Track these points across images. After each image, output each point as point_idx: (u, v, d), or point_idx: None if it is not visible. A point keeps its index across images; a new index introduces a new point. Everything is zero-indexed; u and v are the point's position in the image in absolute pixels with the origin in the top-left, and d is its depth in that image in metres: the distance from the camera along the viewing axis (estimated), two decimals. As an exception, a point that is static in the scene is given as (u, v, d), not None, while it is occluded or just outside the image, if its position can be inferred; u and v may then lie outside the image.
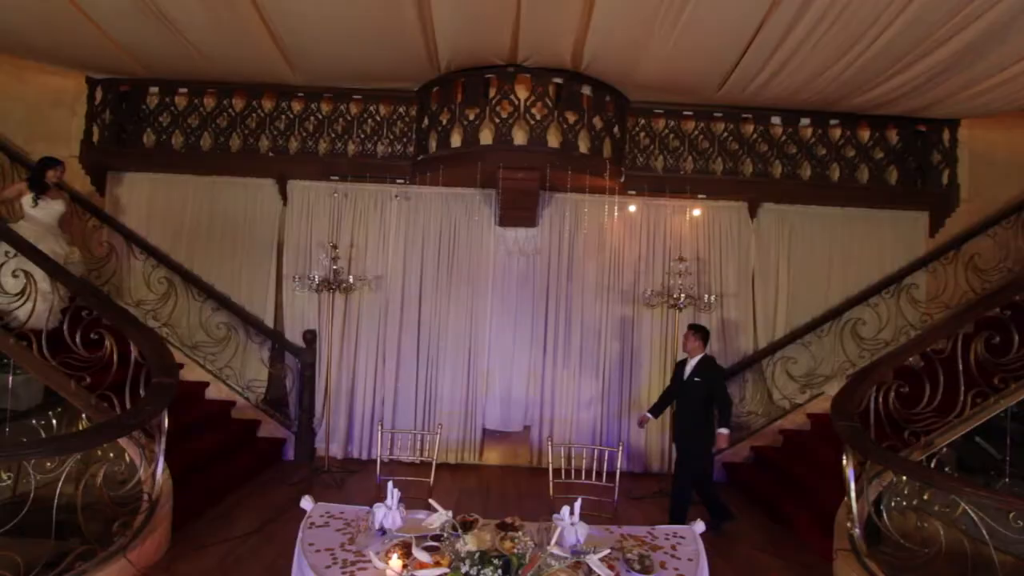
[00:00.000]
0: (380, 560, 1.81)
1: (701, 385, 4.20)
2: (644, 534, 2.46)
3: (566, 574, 1.79)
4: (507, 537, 1.93)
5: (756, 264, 5.89)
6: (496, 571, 1.60)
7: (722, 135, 5.71)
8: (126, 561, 3.21)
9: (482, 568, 1.60)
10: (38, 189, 4.58)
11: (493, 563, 1.63)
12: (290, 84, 5.61)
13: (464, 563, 1.65)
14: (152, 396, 3.50)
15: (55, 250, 4.54)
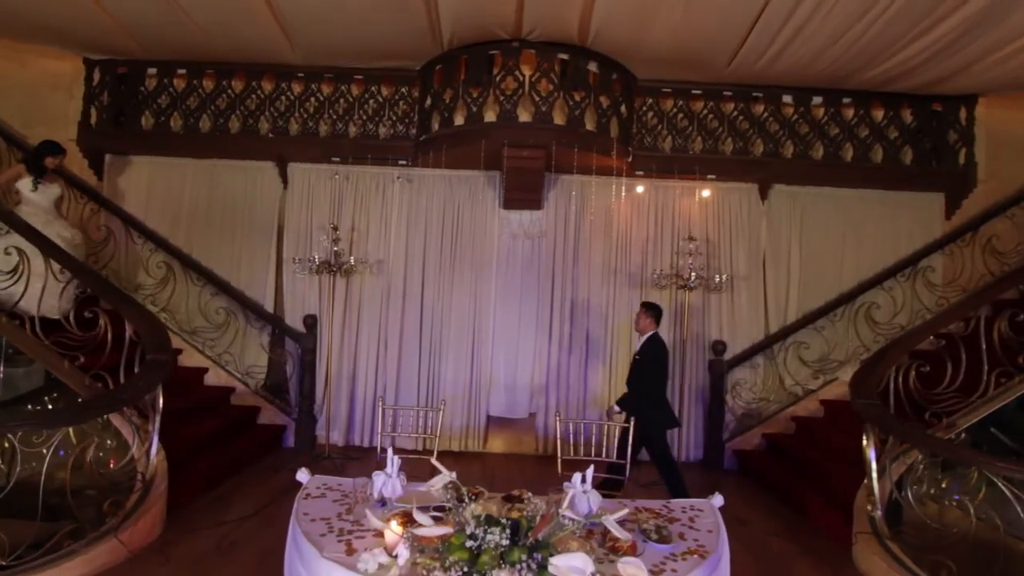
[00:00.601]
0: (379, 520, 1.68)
1: (642, 362, 4.10)
2: (659, 507, 2.32)
3: (579, 543, 1.66)
4: (514, 508, 1.81)
5: (767, 247, 5.74)
6: (504, 531, 1.47)
7: (732, 114, 5.56)
8: (117, 542, 3.09)
9: (488, 528, 1.47)
10: (36, 173, 4.47)
11: (501, 523, 1.50)
12: (290, 64, 5.50)
13: (469, 524, 1.52)
14: (146, 372, 3.40)
15: (62, 235, 4.45)
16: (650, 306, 4.23)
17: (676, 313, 5.64)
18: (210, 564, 3.20)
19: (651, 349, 4.09)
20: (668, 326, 5.66)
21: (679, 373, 5.58)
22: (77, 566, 2.91)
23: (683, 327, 5.49)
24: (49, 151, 4.56)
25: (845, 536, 3.66)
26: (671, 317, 5.66)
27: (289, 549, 2.05)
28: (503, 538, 1.46)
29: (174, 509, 3.72)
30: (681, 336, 5.57)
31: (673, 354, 5.63)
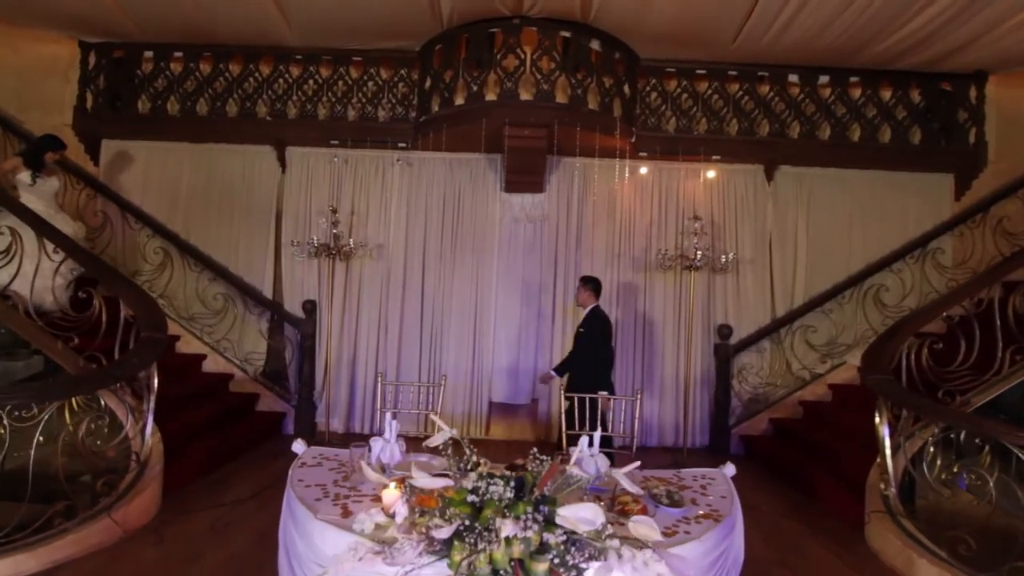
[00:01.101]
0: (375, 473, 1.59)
1: (584, 335, 4.15)
2: (670, 476, 2.24)
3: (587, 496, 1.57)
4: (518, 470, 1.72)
5: (773, 229, 5.64)
6: (508, 484, 1.38)
7: (737, 95, 5.47)
8: (111, 521, 3.02)
9: (491, 481, 1.39)
10: (35, 167, 4.37)
11: (505, 477, 1.41)
12: (288, 46, 5.43)
13: (470, 478, 1.43)
14: (140, 349, 3.32)
15: (64, 229, 4.34)
16: (588, 279, 4.30)
17: (680, 296, 5.55)
18: (205, 544, 3.12)
19: (594, 322, 4.14)
20: (673, 310, 5.59)
21: (684, 358, 5.48)
22: (68, 544, 2.83)
23: (688, 311, 5.39)
24: (49, 146, 4.47)
25: (857, 516, 3.57)
26: (676, 300, 5.58)
27: (284, 515, 1.97)
28: (507, 491, 1.37)
29: (170, 492, 3.65)
30: (686, 320, 5.47)
31: (677, 338, 5.57)
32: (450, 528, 1.29)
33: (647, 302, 5.60)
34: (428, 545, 1.34)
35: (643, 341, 5.57)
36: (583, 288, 4.26)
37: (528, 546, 1.32)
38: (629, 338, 5.58)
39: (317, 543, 1.63)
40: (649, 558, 1.27)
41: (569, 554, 1.26)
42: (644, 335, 5.57)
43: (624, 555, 1.28)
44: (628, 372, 5.56)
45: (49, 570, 2.73)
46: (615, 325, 5.54)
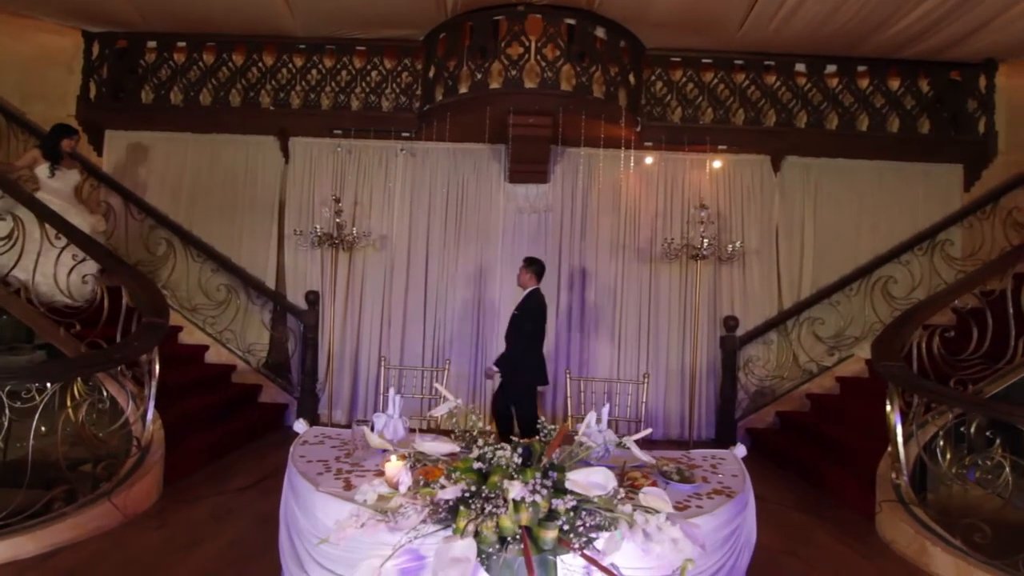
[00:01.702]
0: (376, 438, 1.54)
1: (517, 316, 4.05)
2: (679, 456, 2.19)
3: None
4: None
5: (780, 220, 5.59)
6: (516, 450, 1.34)
7: (743, 84, 5.42)
8: (111, 505, 2.98)
9: (498, 447, 1.34)
10: (53, 158, 4.34)
11: (512, 442, 1.37)
12: (291, 36, 5.40)
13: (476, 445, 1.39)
14: (141, 333, 3.29)
15: (82, 223, 4.30)
16: (531, 261, 4.21)
17: (686, 288, 5.50)
18: (206, 529, 3.08)
19: (529, 303, 4.04)
20: (678, 301, 5.54)
21: (689, 350, 5.43)
22: (68, 528, 2.80)
23: (694, 302, 5.34)
24: (64, 134, 4.44)
25: (867, 507, 3.51)
26: (681, 292, 5.52)
27: (284, 493, 1.93)
28: (515, 456, 1.32)
29: (172, 481, 3.62)
30: (692, 311, 5.42)
31: (683, 330, 5.52)
32: (456, 488, 1.25)
33: (652, 293, 5.54)
34: (433, 512, 1.30)
35: (648, 333, 5.52)
36: (525, 269, 4.18)
37: (536, 512, 1.27)
38: (634, 329, 5.52)
39: (319, 516, 1.59)
40: (663, 523, 1.23)
41: (580, 519, 1.22)
42: (649, 327, 5.52)
43: (637, 520, 1.23)
44: (632, 364, 5.50)
45: (49, 553, 2.70)
46: (622, 315, 5.52)
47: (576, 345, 5.51)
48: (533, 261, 4.19)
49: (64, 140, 4.41)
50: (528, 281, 4.14)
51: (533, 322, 3.98)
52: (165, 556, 2.77)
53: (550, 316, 5.51)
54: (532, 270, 4.15)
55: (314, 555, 1.64)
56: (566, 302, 5.55)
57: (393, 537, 1.43)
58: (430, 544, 1.38)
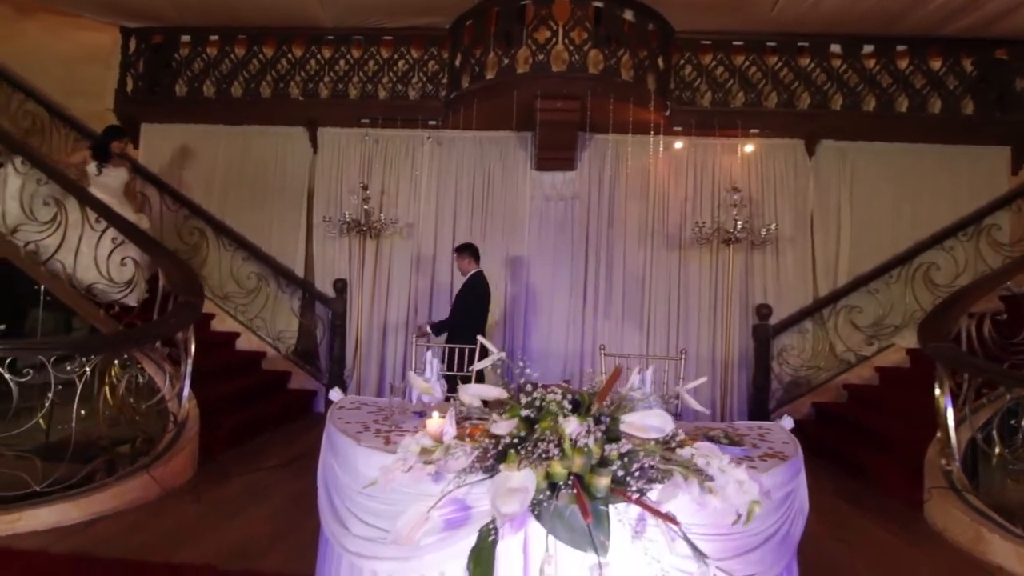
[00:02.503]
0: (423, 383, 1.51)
1: (459, 296, 4.32)
2: (724, 426, 2.12)
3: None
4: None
5: (815, 206, 5.42)
6: (565, 397, 1.29)
7: (776, 67, 5.28)
8: (149, 478, 3.03)
9: (549, 390, 1.30)
10: (101, 158, 4.47)
11: (560, 391, 1.33)
12: (320, 27, 5.47)
13: (524, 391, 1.35)
14: (177, 311, 3.34)
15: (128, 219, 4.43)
16: (464, 246, 4.41)
17: (717, 275, 5.38)
18: (240, 505, 3.11)
19: (472, 283, 4.24)
20: (708, 288, 5.42)
21: (721, 339, 5.31)
22: (109, 498, 2.86)
23: (727, 289, 5.22)
24: (115, 136, 4.57)
25: (912, 496, 3.37)
26: (712, 279, 5.41)
27: (323, 454, 1.92)
28: (565, 402, 1.28)
29: (205, 459, 3.67)
30: (723, 299, 5.30)
31: (713, 318, 5.40)
32: (509, 423, 1.21)
33: (681, 281, 5.44)
34: (481, 456, 1.26)
35: (677, 321, 5.41)
36: (460, 256, 4.37)
37: (589, 458, 1.23)
38: (663, 317, 5.42)
39: (360, 469, 1.57)
40: (726, 464, 1.17)
41: (637, 461, 1.17)
42: (679, 315, 5.41)
43: (698, 463, 1.18)
44: (662, 352, 5.38)
45: (91, 520, 2.76)
46: (651, 303, 5.44)
47: (604, 333, 5.43)
48: (466, 247, 4.40)
49: (114, 142, 4.54)
50: (467, 266, 4.35)
51: (477, 303, 4.18)
52: (202, 527, 2.81)
53: (578, 302, 5.49)
54: (467, 254, 4.35)
55: (355, 511, 1.62)
56: (593, 290, 5.48)
57: (437, 488, 1.40)
58: (476, 494, 1.35)
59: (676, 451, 1.23)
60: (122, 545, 2.56)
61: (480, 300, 4.21)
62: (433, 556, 1.42)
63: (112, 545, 2.55)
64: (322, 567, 1.88)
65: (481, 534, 1.21)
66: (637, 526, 1.33)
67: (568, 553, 1.21)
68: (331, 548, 1.80)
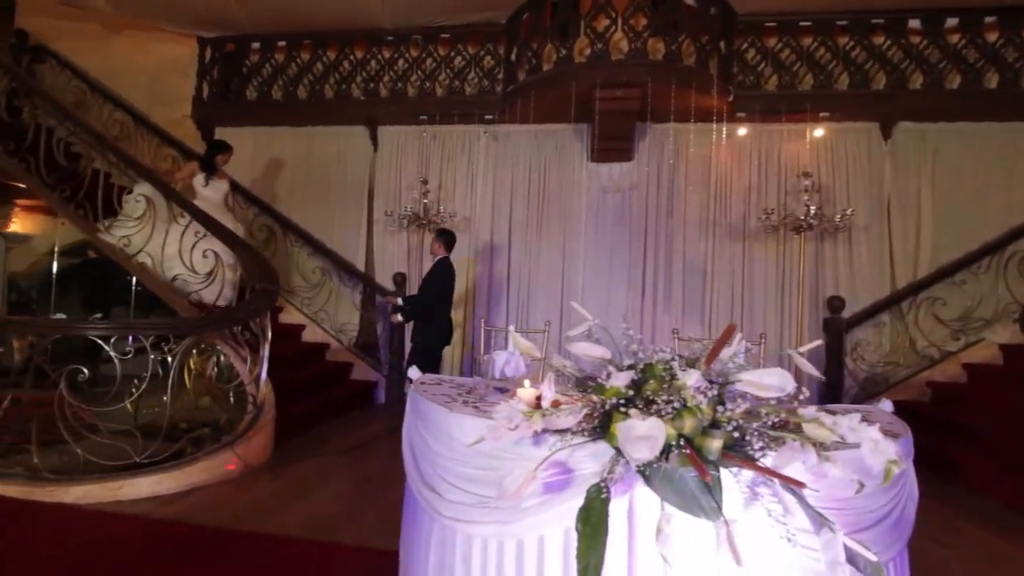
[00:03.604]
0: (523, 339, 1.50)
1: (425, 281, 4.46)
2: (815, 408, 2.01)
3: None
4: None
5: (891, 192, 5.11)
6: (674, 356, 1.26)
7: (847, 46, 5.03)
8: (233, 454, 3.19)
9: (657, 349, 1.27)
10: (208, 170, 4.74)
11: (665, 352, 1.30)
12: (380, 27, 5.65)
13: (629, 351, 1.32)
14: (257, 297, 3.51)
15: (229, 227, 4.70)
16: (441, 231, 4.61)
17: (784, 266, 5.16)
18: (312, 484, 3.22)
19: (438, 267, 4.44)
20: (775, 280, 5.20)
21: (789, 332, 5.08)
22: (198, 471, 3.03)
23: (799, 280, 4.99)
24: (220, 150, 4.84)
25: (1016, 497, 3.10)
26: (779, 270, 5.19)
27: (408, 423, 1.95)
28: (674, 359, 1.25)
29: (278, 442, 3.82)
30: (791, 290, 5.08)
31: (780, 310, 5.19)
32: (627, 375, 1.19)
33: (746, 272, 5.25)
34: (589, 417, 1.24)
35: (741, 314, 5.22)
36: (436, 240, 4.56)
37: (700, 419, 1.19)
38: (725, 310, 5.25)
39: (455, 435, 1.58)
40: (858, 423, 1.11)
41: (760, 419, 1.12)
42: (743, 307, 5.22)
43: (824, 422, 1.12)
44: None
45: (185, 491, 2.93)
46: (713, 295, 5.28)
47: (663, 327, 5.30)
48: (442, 232, 4.59)
49: (219, 155, 4.81)
50: (438, 250, 4.52)
51: (441, 285, 4.42)
52: (281, 502, 2.92)
53: (637, 295, 5.39)
54: (442, 240, 4.53)
55: (446, 477, 1.64)
56: (651, 282, 5.37)
57: (537, 451, 1.39)
58: (579, 456, 1.33)
59: (798, 411, 1.17)
60: (213, 514, 2.70)
61: (445, 283, 4.47)
62: (533, 519, 1.41)
63: (204, 514, 2.70)
64: (410, 532, 1.91)
65: (590, 493, 1.19)
66: (750, 491, 1.28)
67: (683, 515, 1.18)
68: (420, 514, 1.83)
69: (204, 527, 2.53)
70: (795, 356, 1.35)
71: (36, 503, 2.68)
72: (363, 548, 2.39)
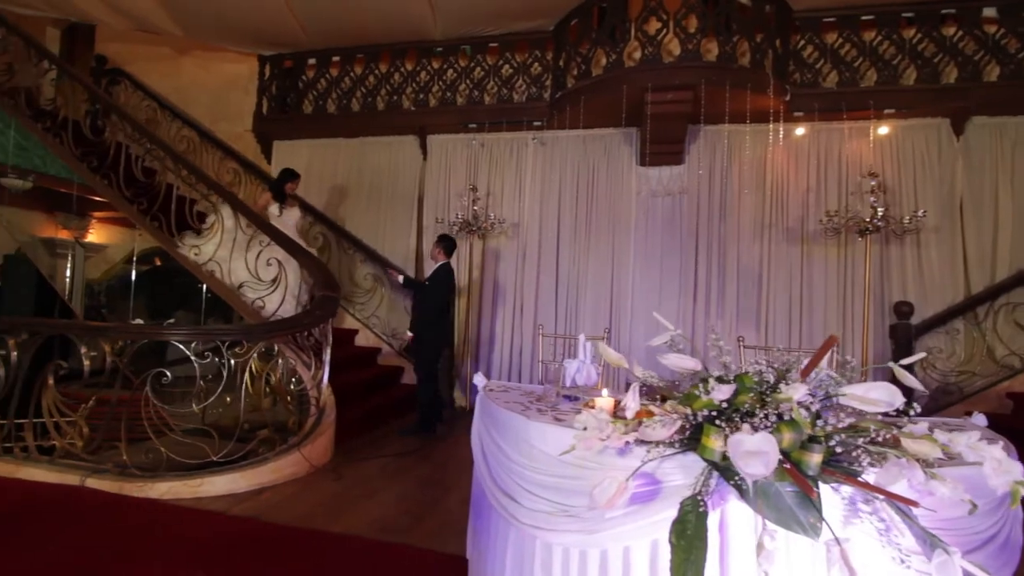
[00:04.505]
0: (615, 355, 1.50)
1: (428, 288, 4.57)
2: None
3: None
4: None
5: (964, 192, 4.83)
6: (770, 369, 1.24)
7: (914, 39, 4.79)
8: (300, 455, 3.32)
9: (755, 363, 1.26)
10: (280, 199, 4.84)
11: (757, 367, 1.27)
12: (431, 39, 5.77)
13: (721, 362, 1.31)
14: (321, 304, 3.65)
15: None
16: (442, 237, 4.74)
17: (846, 270, 4.94)
18: (377, 484, 3.31)
19: (437, 274, 4.58)
20: (836, 284, 4.99)
21: (852, 339, 4.86)
22: (268, 471, 3.16)
23: (861, 286, 4.78)
24: (288, 178, 4.92)
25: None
26: (840, 274, 4.98)
27: (479, 429, 1.99)
28: (768, 374, 1.23)
29: (339, 442, 3.95)
30: (853, 296, 4.86)
31: (841, 316, 4.97)
32: (729, 388, 1.17)
33: (804, 276, 5.06)
34: (681, 428, 1.24)
35: (800, 319, 5.03)
36: (436, 246, 4.69)
37: (800, 433, 1.16)
38: (783, 316, 5.07)
39: (535, 444, 1.61)
40: (977, 442, 1.06)
41: (868, 435, 1.09)
42: (801, 313, 5.04)
43: (939, 439, 1.07)
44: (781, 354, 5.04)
45: (256, 490, 3.07)
46: (769, 301, 5.12)
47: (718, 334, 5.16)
48: (443, 237, 4.73)
49: (287, 184, 4.90)
50: (438, 256, 4.66)
51: (446, 290, 4.59)
52: (348, 502, 3.02)
53: (688, 300, 5.29)
54: (441, 246, 4.67)
55: (524, 484, 1.66)
56: (704, 287, 5.25)
57: (621, 461, 1.40)
58: (666, 468, 1.33)
59: (906, 427, 1.13)
60: (285, 513, 2.81)
61: (446, 290, 4.62)
62: (618, 530, 1.41)
63: (276, 512, 2.82)
64: (482, 537, 1.94)
65: (685, 506, 1.18)
66: (849, 508, 1.24)
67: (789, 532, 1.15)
68: (495, 520, 1.85)
69: (277, 525, 2.64)
70: (897, 369, 1.30)
71: (126, 497, 2.87)
72: (431, 551, 2.44)
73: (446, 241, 4.71)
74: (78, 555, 2.24)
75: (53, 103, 5.68)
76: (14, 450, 3.24)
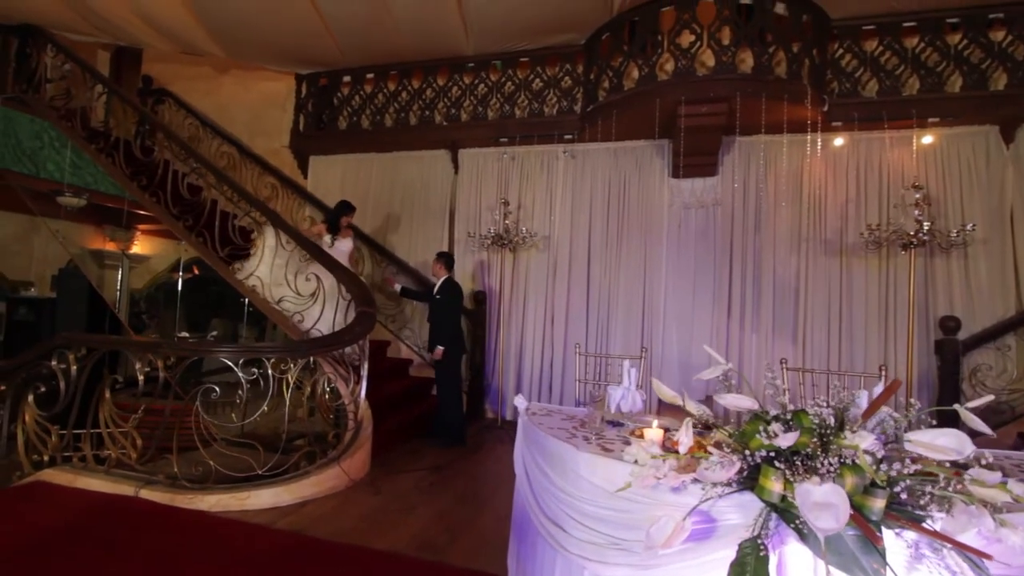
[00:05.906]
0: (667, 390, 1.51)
1: (442, 301, 4.77)
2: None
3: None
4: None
5: (1015, 202, 4.65)
6: (828, 408, 1.23)
7: (959, 45, 4.65)
8: (340, 469, 3.39)
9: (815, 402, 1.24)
10: (333, 231, 4.96)
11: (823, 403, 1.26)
12: (463, 55, 5.86)
13: (779, 401, 1.30)
14: (359, 320, 3.73)
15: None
16: (441, 254, 4.99)
17: (888, 283, 4.80)
18: (414, 499, 3.36)
19: (448, 289, 4.81)
20: (878, 299, 4.85)
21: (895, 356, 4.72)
22: (310, 484, 3.24)
23: (906, 301, 4.64)
24: (344, 211, 5.01)
25: None
26: (881, 288, 4.84)
27: (524, 453, 2.01)
28: (828, 416, 1.21)
29: (375, 454, 4.01)
30: (896, 311, 4.72)
31: (883, 332, 4.84)
32: (793, 436, 1.17)
33: (843, 290, 4.93)
34: (740, 470, 1.23)
35: (839, 334, 4.91)
36: (436, 262, 4.93)
37: (863, 478, 1.15)
38: (821, 331, 4.95)
39: (583, 475, 1.62)
40: (1057, 494, 1.03)
41: (938, 483, 1.07)
42: (840, 328, 4.91)
43: (1014, 489, 1.05)
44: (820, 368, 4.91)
45: (299, 503, 3.16)
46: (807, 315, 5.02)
47: (751, 348, 5.09)
48: (442, 255, 4.97)
49: (343, 217, 5.01)
50: (440, 271, 4.88)
51: (456, 305, 4.87)
52: (388, 516, 3.07)
53: (722, 314, 5.22)
54: (442, 262, 4.90)
55: (571, 514, 1.67)
56: (739, 301, 5.17)
57: (674, 497, 1.40)
58: (722, 507, 1.32)
59: (977, 475, 1.10)
60: (328, 527, 2.88)
61: (455, 299, 4.88)
62: (671, 568, 1.41)
63: (320, 526, 2.89)
64: (527, 563, 1.96)
65: (744, 548, 1.18)
66: (913, 554, 1.22)
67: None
68: (541, 546, 1.87)
69: (321, 540, 2.70)
70: (963, 412, 1.27)
71: (178, 509, 2.98)
72: (472, 571, 2.47)
73: (446, 257, 4.96)
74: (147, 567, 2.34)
75: (105, 124, 5.98)
76: (72, 459, 3.41)
